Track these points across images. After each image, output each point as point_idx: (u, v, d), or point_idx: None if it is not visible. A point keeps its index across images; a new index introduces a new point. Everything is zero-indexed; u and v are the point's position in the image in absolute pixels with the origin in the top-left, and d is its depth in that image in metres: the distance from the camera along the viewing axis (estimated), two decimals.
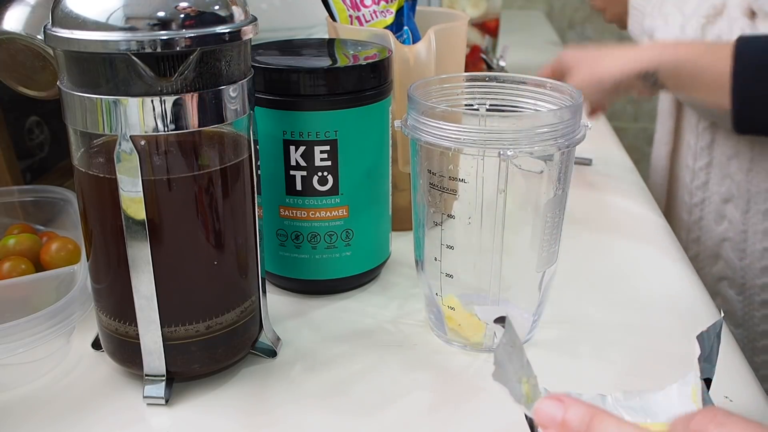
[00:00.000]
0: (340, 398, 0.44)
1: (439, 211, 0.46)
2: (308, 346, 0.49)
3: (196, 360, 0.43)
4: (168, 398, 0.43)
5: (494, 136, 0.42)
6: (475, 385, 0.45)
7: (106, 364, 0.46)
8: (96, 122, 0.38)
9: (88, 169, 0.41)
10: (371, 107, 0.51)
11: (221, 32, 0.38)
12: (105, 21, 0.36)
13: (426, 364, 0.47)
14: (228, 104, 0.40)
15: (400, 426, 0.41)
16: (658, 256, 0.61)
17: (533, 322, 0.48)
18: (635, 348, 0.48)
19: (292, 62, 0.51)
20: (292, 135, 0.49)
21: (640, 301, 0.54)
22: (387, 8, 0.62)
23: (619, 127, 1.76)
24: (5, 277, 0.49)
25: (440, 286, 0.47)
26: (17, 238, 0.53)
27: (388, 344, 0.49)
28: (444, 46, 0.58)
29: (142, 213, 0.39)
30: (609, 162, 0.84)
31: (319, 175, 0.50)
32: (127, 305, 0.41)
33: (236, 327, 0.44)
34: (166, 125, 0.38)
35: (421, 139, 0.44)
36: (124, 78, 0.37)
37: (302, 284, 0.54)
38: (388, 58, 0.52)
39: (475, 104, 0.49)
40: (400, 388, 0.44)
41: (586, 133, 0.44)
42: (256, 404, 0.43)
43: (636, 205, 0.71)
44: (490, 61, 1.06)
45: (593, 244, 0.63)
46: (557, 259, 0.47)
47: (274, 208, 0.52)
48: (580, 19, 1.73)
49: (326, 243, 0.52)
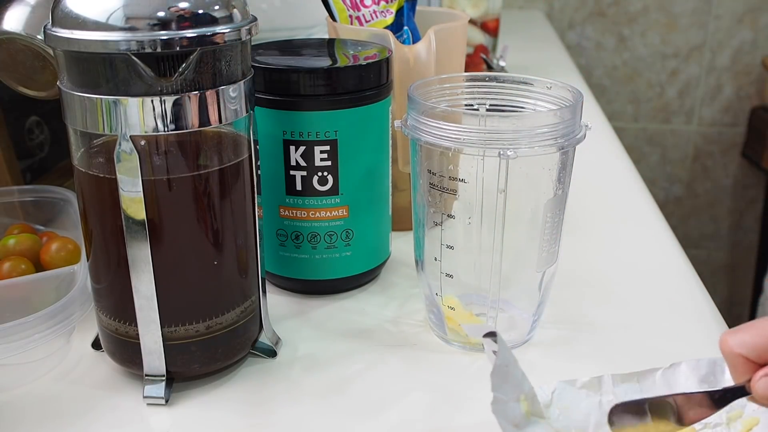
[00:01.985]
0: (340, 398, 0.44)
1: (439, 211, 0.46)
2: (308, 346, 0.49)
3: (196, 360, 0.43)
4: (168, 398, 0.43)
5: (494, 136, 0.42)
6: (475, 385, 0.45)
7: (106, 364, 0.46)
8: (96, 122, 0.38)
9: (88, 169, 0.41)
10: (371, 107, 0.51)
11: (221, 32, 0.38)
12: (105, 21, 0.36)
13: (426, 364, 0.47)
14: (228, 104, 0.40)
15: (400, 426, 0.41)
16: (658, 256, 0.61)
17: (533, 322, 0.48)
18: (635, 348, 0.48)
19: (292, 62, 0.51)
20: (292, 135, 0.49)
21: (640, 301, 0.54)
22: (387, 8, 0.62)
23: (619, 127, 1.76)
24: (5, 277, 0.49)
25: (440, 286, 0.47)
26: (17, 238, 0.53)
27: (388, 344, 0.49)
28: (444, 46, 0.58)
29: (142, 213, 0.39)
30: (609, 162, 0.84)
31: (319, 175, 0.50)
32: (127, 305, 0.41)
33: (236, 327, 0.44)
34: (166, 125, 0.38)
35: (421, 139, 0.44)
36: (124, 78, 0.37)
37: (302, 284, 0.54)
38: (388, 58, 0.52)
39: (475, 104, 0.49)
40: (400, 388, 0.44)
41: (586, 133, 0.44)
42: (256, 404, 0.43)
43: (636, 205, 0.71)
44: (490, 61, 1.06)
45: (593, 244, 0.63)
46: (557, 259, 0.47)
47: (274, 208, 0.52)
48: (580, 19, 1.73)
49: (326, 243, 0.52)
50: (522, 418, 0.35)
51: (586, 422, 0.38)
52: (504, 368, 0.36)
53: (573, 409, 0.38)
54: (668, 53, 1.73)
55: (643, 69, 1.75)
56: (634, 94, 1.77)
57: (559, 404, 0.39)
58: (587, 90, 1.15)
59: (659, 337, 0.49)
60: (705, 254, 1.87)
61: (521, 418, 0.35)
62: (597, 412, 0.39)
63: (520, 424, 0.35)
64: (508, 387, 0.36)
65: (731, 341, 0.34)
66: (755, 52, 1.70)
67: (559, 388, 0.39)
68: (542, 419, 0.37)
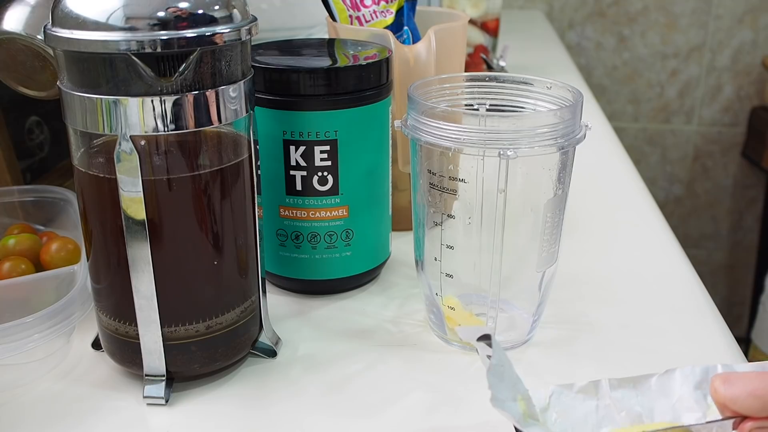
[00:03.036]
0: (340, 398, 0.44)
1: (439, 211, 0.46)
2: (308, 346, 0.49)
3: (196, 360, 0.43)
4: (168, 398, 0.43)
5: (494, 136, 0.42)
6: (475, 385, 0.45)
7: (106, 364, 0.46)
8: (96, 122, 0.38)
9: (88, 169, 0.41)
10: (371, 107, 0.51)
11: (221, 32, 0.38)
12: (105, 21, 0.36)
13: (426, 364, 0.47)
14: (228, 104, 0.40)
15: (400, 426, 0.41)
16: (658, 256, 0.61)
17: (533, 322, 0.48)
18: (635, 348, 0.48)
19: (292, 62, 0.50)
20: (292, 135, 0.49)
21: (640, 301, 0.54)
22: (387, 8, 0.62)
23: (619, 127, 1.76)
24: (5, 277, 0.49)
25: (440, 286, 0.47)
26: (17, 238, 0.53)
27: (388, 344, 0.49)
28: (444, 46, 0.58)
29: (142, 213, 0.39)
30: (609, 162, 0.84)
31: (319, 175, 0.50)
32: (127, 305, 0.41)
33: (236, 327, 0.44)
34: (166, 125, 0.38)
35: (421, 139, 0.44)
36: (124, 78, 0.37)
37: (302, 284, 0.54)
38: (388, 58, 0.52)
39: (475, 104, 0.49)
40: (400, 388, 0.44)
41: (586, 133, 0.44)
42: (256, 404, 0.43)
43: (636, 205, 0.71)
44: (490, 61, 1.06)
45: (593, 244, 0.63)
46: (557, 259, 0.47)
47: (274, 208, 0.52)
48: (580, 19, 1.73)
49: (326, 243, 0.52)
50: (521, 418, 0.35)
51: (583, 426, 0.38)
52: (500, 368, 0.36)
53: (570, 413, 0.38)
54: (668, 53, 1.73)
55: (643, 69, 1.75)
56: (634, 94, 1.77)
57: (557, 408, 0.39)
58: (587, 90, 1.15)
59: (659, 337, 0.49)
60: (705, 254, 1.87)
61: (520, 418, 0.35)
62: (594, 417, 0.39)
63: (520, 422, 0.35)
64: (504, 387, 0.36)
65: (723, 394, 0.34)
66: (755, 52, 1.70)
67: (555, 393, 0.39)
68: (537, 422, 0.37)
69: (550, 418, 0.38)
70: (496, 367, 0.36)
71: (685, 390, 0.39)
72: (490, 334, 0.36)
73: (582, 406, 0.39)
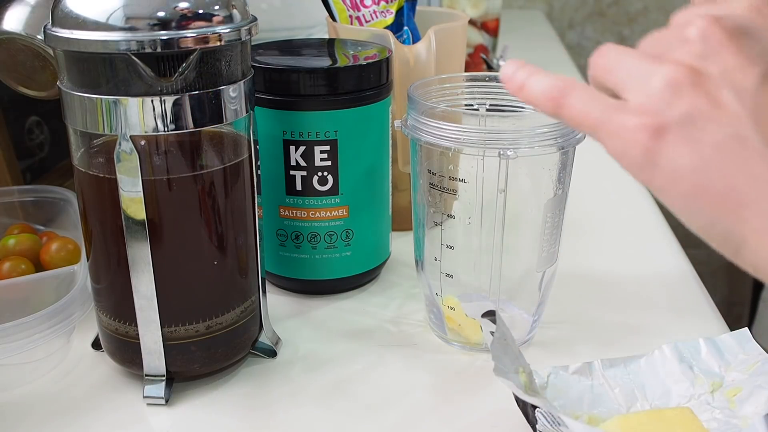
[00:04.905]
0: (340, 398, 0.44)
1: (439, 211, 0.46)
2: (308, 346, 0.49)
3: (196, 360, 0.43)
4: (168, 398, 0.43)
5: (494, 136, 0.42)
6: (475, 385, 0.45)
7: (106, 364, 0.46)
8: (96, 122, 0.38)
9: (88, 169, 0.41)
10: (371, 107, 0.51)
11: (221, 32, 0.38)
12: (105, 21, 0.36)
13: (426, 364, 0.47)
14: (228, 104, 0.40)
15: (400, 426, 0.41)
16: (658, 257, 0.61)
17: (533, 322, 0.48)
18: (635, 348, 0.48)
19: (292, 62, 0.51)
20: (292, 135, 0.49)
21: (640, 301, 0.54)
22: (387, 8, 0.62)
23: None
24: (5, 277, 0.49)
25: (440, 286, 0.47)
26: (17, 238, 0.53)
27: (388, 344, 0.49)
28: (444, 46, 0.58)
29: (142, 213, 0.39)
30: (609, 162, 0.84)
31: (319, 175, 0.50)
32: (127, 305, 0.41)
33: (236, 327, 0.44)
34: (166, 125, 0.38)
35: (421, 139, 0.44)
36: (124, 78, 0.37)
37: (302, 284, 0.54)
38: (388, 58, 0.52)
39: (475, 104, 0.49)
40: (400, 388, 0.44)
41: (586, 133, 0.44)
42: (256, 404, 0.43)
43: (636, 205, 0.71)
44: (490, 61, 1.06)
45: (593, 244, 0.63)
46: (557, 259, 0.47)
47: (274, 208, 0.52)
48: (580, 19, 1.73)
49: (326, 243, 0.52)
50: (523, 388, 0.36)
51: (579, 404, 0.41)
52: (503, 341, 0.37)
53: (567, 391, 0.41)
54: None
55: None
56: None
57: (554, 386, 0.41)
58: None
59: (659, 336, 0.49)
60: (705, 254, 1.85)
61: (522, 388, 0.36)
62: (589, 395, 0.41)
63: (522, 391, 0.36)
64: (507, 359, 0.37)
65: None
66: None
67: (553, 373, 0.41)
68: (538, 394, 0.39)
69: (549, 395, 0.41)
70: (500, 340, 0.37)
71: (672, 365, 0.42)
72: (495, 310, 0.37)
73: (578, 386, 0.41)
